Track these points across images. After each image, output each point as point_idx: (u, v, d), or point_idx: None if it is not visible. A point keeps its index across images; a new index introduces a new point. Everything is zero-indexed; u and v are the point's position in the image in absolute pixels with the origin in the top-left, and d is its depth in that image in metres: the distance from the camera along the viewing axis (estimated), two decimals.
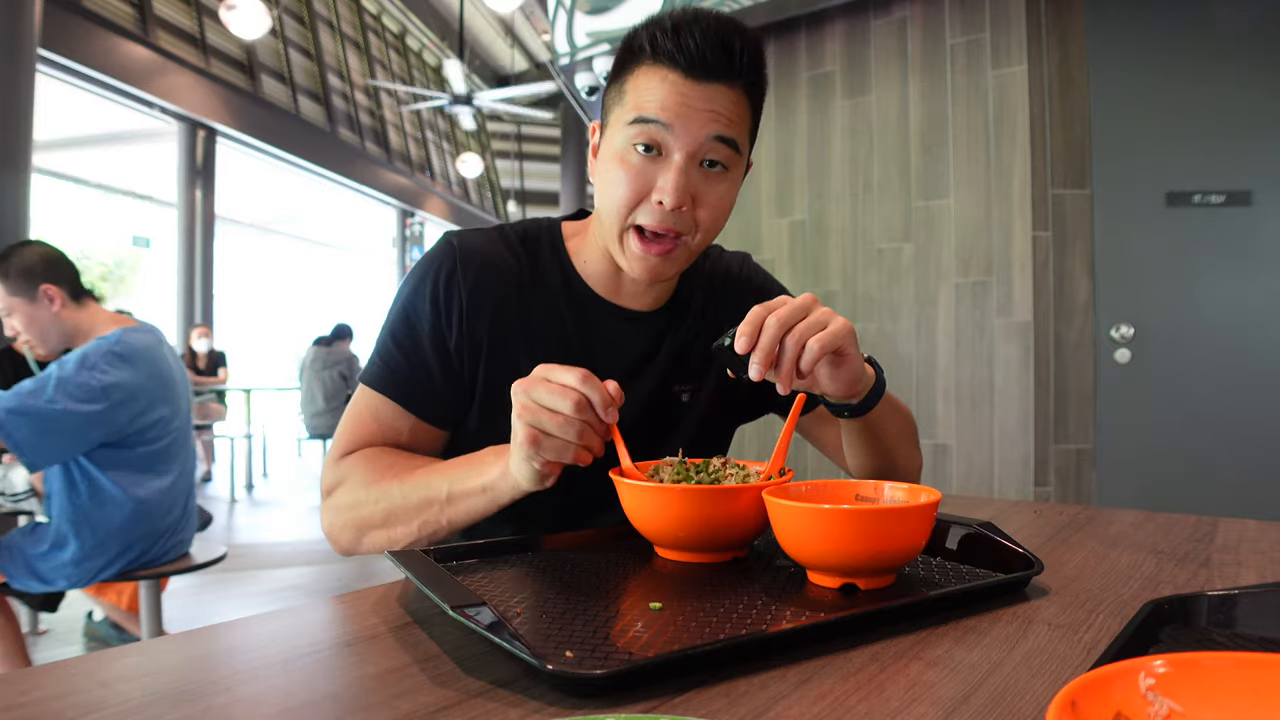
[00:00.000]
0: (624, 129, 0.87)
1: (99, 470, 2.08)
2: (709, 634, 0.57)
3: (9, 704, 0.48)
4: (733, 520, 0.74)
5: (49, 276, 2.10)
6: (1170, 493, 2.84)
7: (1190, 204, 2.80)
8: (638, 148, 0.86)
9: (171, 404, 2.18)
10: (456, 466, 0.86)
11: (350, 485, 0.91)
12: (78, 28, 7.11)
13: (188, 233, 9.20)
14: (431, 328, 0.95)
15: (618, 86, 0.91)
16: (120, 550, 2.12)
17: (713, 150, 0.87)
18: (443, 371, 0.95)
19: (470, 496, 0.83)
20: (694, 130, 0.85)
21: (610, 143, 0.90)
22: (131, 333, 2.11)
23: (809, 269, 3.48)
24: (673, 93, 0.84)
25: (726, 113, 0.86)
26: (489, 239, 0.99)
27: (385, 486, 0.88)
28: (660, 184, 0.86)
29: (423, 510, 0.85)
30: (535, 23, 13.91)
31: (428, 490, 0.85)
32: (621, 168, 0.87)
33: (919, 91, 3.21)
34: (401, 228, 14.37)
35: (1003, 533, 0.77)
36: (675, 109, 0.84)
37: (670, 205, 0.85)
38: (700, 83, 0.85)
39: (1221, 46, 2.77)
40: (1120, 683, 0.37)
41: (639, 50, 0.88)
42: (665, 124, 0.85)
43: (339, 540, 0.92)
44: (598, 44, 3.82)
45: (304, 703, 0.49)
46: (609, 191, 0.89)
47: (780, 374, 0.76)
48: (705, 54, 0.84)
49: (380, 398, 0.95)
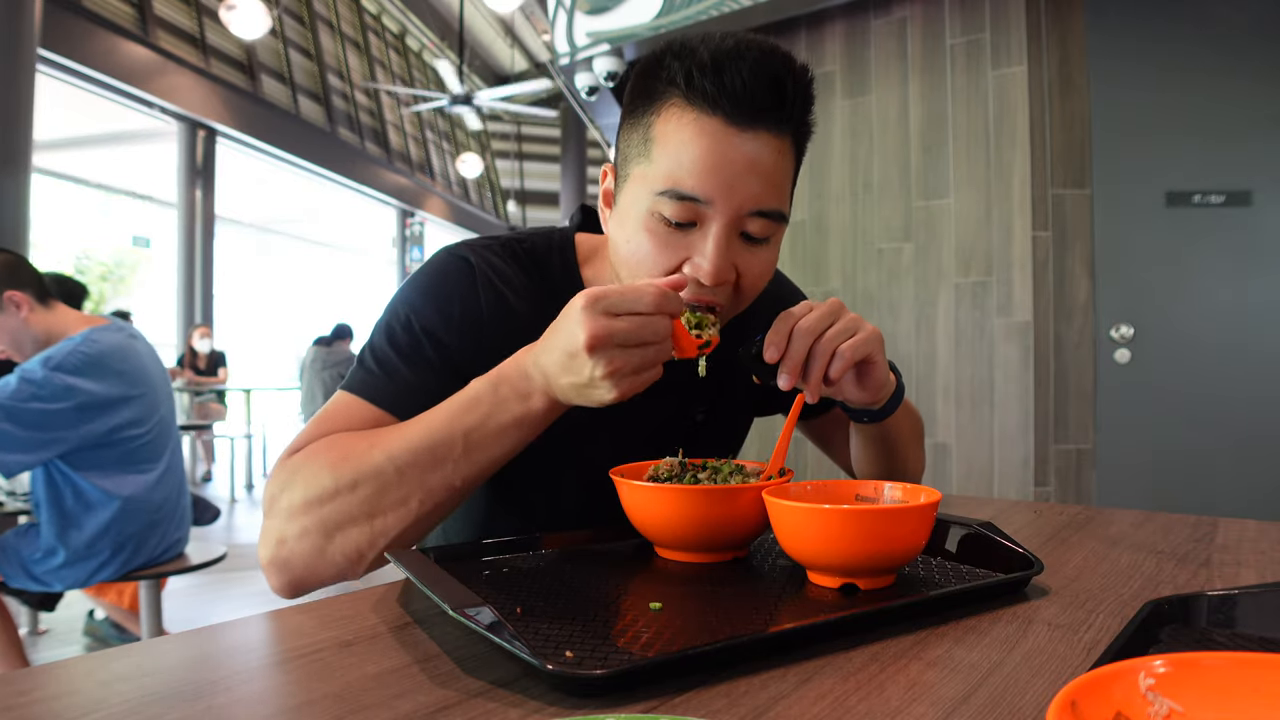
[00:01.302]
0: (650, 196, 0.75)
1: (78, 474, 2.06)
2: (709, 634, 0.57)
3: (9, 704, 0.48)
4: (733, 520, 0.74)
5: (12, 283, 2.06)
6: (1170, 493, 2.84)
7: (1190, 204, 2.80)
8: (668, 220, 0.75)
9: (148, 399, 2.15)
10: (465, 410, 0.74)
11: (307, 476, 0.74)
12: (78, 28, 7.11)
13: (188, 233, 9.20)
14: (444, 346, 0.84)
15: (641, 128, 0.77)
16: (113, 551, 2.11)
17: (754, 224, 0.76)
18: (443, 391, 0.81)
19: (501, 436, 0.73)
20: (737, 202, 0.74)
21: (633, 203, 0.78)
22: (99, 332, 2.08)
23: (809, 269, 3.48)
24: (714, 151, 0.72)
25: (773, 174, 0.74)
26: (502, 257, 0.90)
27: (364, 461, 0.73)
28: (696, 259, 0.75)
29: (430, 472, 0.73)
30: (535, 23, 13.91)
31: (432, 445, 0.73)
32: (648, 237, 0.76)
33: (919, 91, 3.21)
34: (401, 228, 14.37)
35: (1003, 533, 0.77)
36: (717, 176, 0.72)
37: (710, 282, 0.75)
38: (745, 131, 0.72)
39: (1221, 47, 2.77)
40: (1120, 683, 0.37)
41: (668, 84, 0.75)
42: (703, 200, 0.73)
43: (289, 560, 0.74)
44: (598, 44, 3.82)
45: (304, 703, 0.49)
46: (632, 259, 0.78)
47: (809, 384, 0.74)
48: (754, 96, 0.71)
49: (366, 406, 0.81)
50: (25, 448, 1.94)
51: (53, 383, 1.94)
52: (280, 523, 0.74)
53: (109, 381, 2.04)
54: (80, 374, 1.98)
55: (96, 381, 2.01)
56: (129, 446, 2.12)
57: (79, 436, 2.01)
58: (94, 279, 10.96)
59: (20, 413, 1.90)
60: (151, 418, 2.17)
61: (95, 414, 2.02)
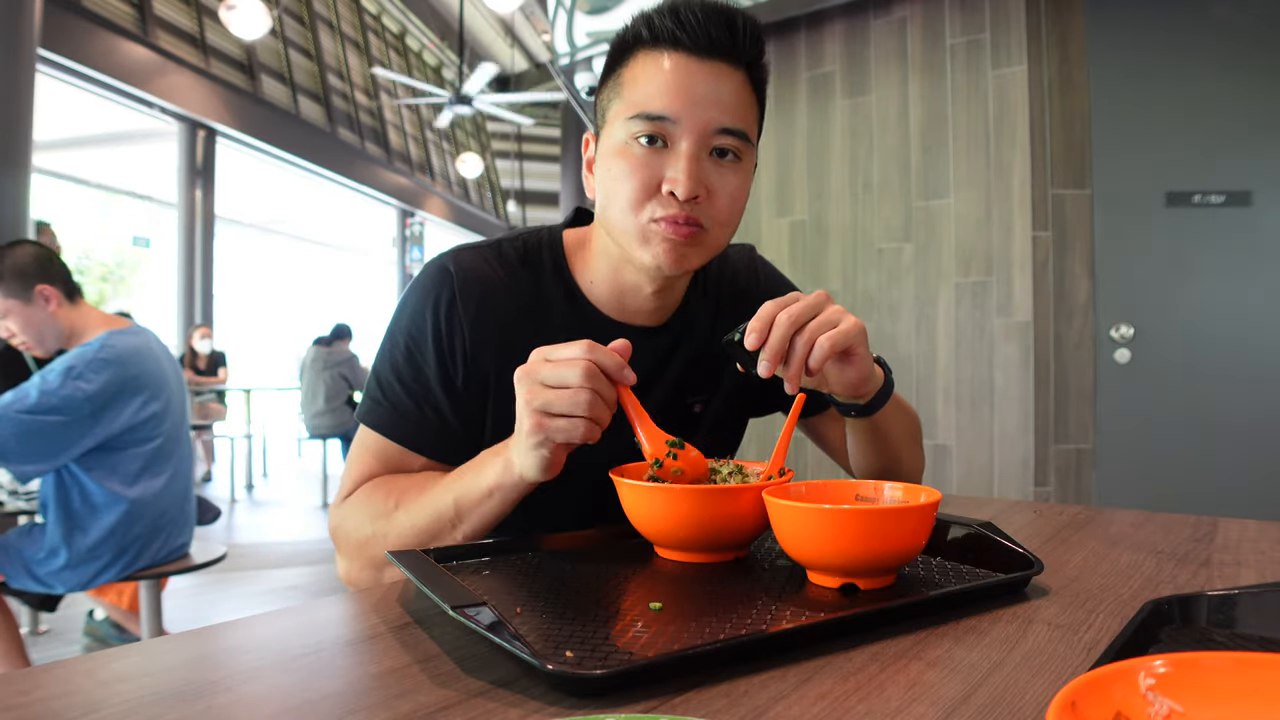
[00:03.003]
0: (624, 124, 0.83)
1: (89, 477, 2.07)
2: (709, 634, 0.57)
3: (9, 704, 0.48)
4: (733, 520, 0.74)
5: (43, 277, 2.08)
6: (1170, 493, 2.84)
7: (1190, 204, 2.80)
8: (640, 140, 0.82)
9: (161, 403, 2.16)
10: (458, 478, 0.83)
11: (355, 522, 0.88)
12: (78, 28, 7.11)
13: (188, 233, 9.20)
14: (438, 366, 0.90)
15: (613, 81, 0.87)
16: (115, 554, 2.11)
17: (721, 140, 0.83)
18: (453, 409, 0.91)
19: (479, 505, 0.80)
20: (701, 118, 0.81)
21: (609, 139, 0.86)
22: (117, 335, 2.09)
23: (809, 269, 3.48)
24: (675, 75, 0.81)
25: (732, 98, 0.83)
26: (487, 260, 0.94)
27: (392, 518, 0.85)
28: (670, 174, 0.82)
29: (434, 532, 0.82)
30: (535, 23, 13.91)
31: (435, 510, 0.82)
32: (624, 160, 0.83)
33: (919, 91, 3.21)
34: (401, 228, 14.36)
35: (1003, 533, 0.77)
36: (680, 95, 0.81)
37: (684, 194, 0.81)
38: (704, 61, 0.81)
39: (1221, 47, 2.77)
40: (1120, 683, 0.37)
41: (634, 39, 0.84)
42: (671, 118, 0.81)
43: (360, 584, 0.89)
44: (598, 44, 3.82)
45: (304, 703, 0.49)
46: (614, 189, 0.84)
47: (789, 372, 0.76)
48: (709, 30, 0.81)
49: (387, 442, 0.91)
50: (41, 457, 1.96)
51: (73, 396, 1.95)
52: (344, 558, 0.90)
53: (125, 383, 2.05)
54: (98, 379, 2.00)
55: (112, 383, 2.02)
56: (141, 449, 2.12)
57: (95, 439, 2.02)
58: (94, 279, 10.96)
59: (38, 425, 1.91)
60: (164, 422, 2.17)
61: (109, 415, 2.03)
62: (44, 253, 2.12)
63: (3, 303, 2.07)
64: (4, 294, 2.07)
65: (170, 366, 2.24)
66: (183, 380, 2.33)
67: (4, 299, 2.07)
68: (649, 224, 0.84)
